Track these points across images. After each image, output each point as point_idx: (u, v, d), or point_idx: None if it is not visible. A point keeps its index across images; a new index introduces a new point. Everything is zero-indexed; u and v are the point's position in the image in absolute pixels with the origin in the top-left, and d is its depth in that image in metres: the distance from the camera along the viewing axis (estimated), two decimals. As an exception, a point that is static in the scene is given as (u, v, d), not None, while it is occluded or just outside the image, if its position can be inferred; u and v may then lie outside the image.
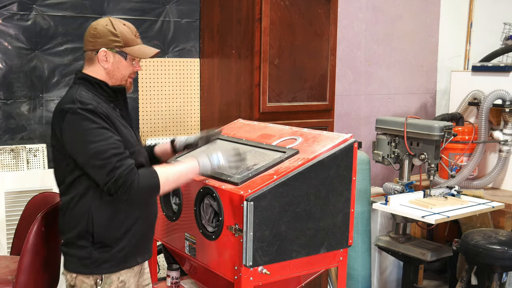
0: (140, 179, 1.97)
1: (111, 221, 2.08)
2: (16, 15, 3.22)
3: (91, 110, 1.99)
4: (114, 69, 2.13)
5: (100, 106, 2.04)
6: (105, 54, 2.10)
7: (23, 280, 2.45)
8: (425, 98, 5.02)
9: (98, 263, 2.09)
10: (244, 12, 3.33)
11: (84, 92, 2.07)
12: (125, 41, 2.12)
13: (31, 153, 3.29)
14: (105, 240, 2.09)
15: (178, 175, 2.09)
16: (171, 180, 2.07)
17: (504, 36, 4.83)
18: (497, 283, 3.43)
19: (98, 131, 1.97)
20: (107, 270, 2.11)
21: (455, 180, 4.04)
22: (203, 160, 2.15)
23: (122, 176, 1.94)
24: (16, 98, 3.28)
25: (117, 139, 2.01)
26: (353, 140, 2.48)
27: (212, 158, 2.17)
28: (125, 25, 2.15)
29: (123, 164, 1.96)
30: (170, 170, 2.09)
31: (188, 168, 2.14)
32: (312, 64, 3.50)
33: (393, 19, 4.71)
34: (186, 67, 3.80)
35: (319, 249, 2.42)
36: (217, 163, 2.16)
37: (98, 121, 1.98)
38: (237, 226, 2.21)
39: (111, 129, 2.01)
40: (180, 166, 2.13)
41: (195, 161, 2.15)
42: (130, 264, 2.18)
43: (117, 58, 2.12)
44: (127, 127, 2.16)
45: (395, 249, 3.85)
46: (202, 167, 2.15)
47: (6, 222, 3.14)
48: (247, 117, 3.30)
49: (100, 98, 2.10)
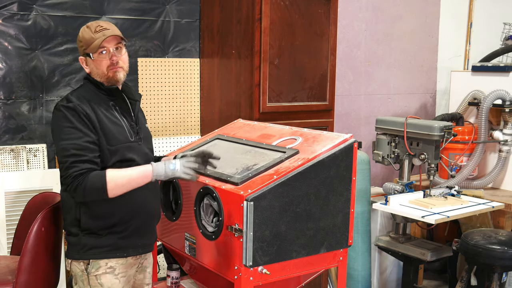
0: (87, 183, 2.07)
1: (99, 211, 2.19)
2: (16, 15, 3.22)
3: (71, 108, 2.14)
4: (92, 70, 2.26)
5: (85, 104, 2.17)
6: (83, 60, 2.28)
7: (23, 280, 2.45)
8: (425, 98, 5.02)
9: (86, 248, 2.21)
10: (244, 12, 3.33)
11: (83, 90, 2.25)
12: (86, 42, 2.22)
13: (31, 153, 3.29)
14: (92, 228, 2.21)
15: (127, 180, 2.13)
16: (120, 184, 2.12)
17: (504, 36, 4.83)
18: (497, 283, 3.43)
19: (69, 129, 2.12)
20: (95, 256, 2.22)
21: (455, 180, 4.04)
22: (157, 165, 2.16)
23: (71, 176, 2.08)
24: (16, 98, 3.28)
25: (86, 140, 2.12)
26: (353, 140, 2.48)
27: (168, 164, 2.16)
28: (88, 27, 2.25)
29: (76, 166, 2.09)
30: (121, 174, 2.13)
31: (139, 173, 2.16)
32: (312, 64, 3.50)
33: (393, 19, 4.71)
34: (186, 67, 3.80)
35: (319, 249, 2.42)
36: (172, 168, 2.14)
37: (73, 119, 2.13)
38: (237, 226, 2.21)
39: (84, 129, 2.13)
40: (132, 171, 2.16)
41: (149, 166, 2.17)
42: (120, 254, 2.25)
43: (89, 61, 2.25)
44: (120, 124, 2.25)
45: (395, 249, 3.85)
46: (155, 172, 2.15)
47: (6, 222, 3.13)
48: (247, 117, 3.30)
49: (100, 96, 2.25)
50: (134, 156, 2.25)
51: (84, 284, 2.24)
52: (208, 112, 3.80)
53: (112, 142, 2.19)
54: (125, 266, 2.29)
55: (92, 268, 2.22)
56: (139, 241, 2.32)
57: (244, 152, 2.65)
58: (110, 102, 2.27)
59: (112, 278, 2.24)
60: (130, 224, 2.25)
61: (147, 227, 2.35)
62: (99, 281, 2.23)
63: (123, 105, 2.30)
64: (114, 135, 2.20)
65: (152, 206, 2.36)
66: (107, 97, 2.26)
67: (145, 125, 2.44)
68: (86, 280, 2.23)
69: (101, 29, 2.22)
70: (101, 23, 2.25)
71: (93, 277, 2.22)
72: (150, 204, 2.33)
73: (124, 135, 2.24)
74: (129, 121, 2.30)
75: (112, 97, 2.27)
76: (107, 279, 2.23)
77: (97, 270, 2.23)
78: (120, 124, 2.25)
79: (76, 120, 2.13)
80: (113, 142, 2.19)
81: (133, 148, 2.26)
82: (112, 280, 2.24)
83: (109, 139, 2.18)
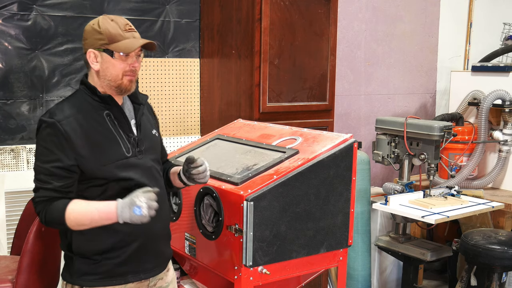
0: (46, 213, 1.92)
1: (91, 235, 1.98)
2: (16, 15, 3.22)
3: (50, 124, 1.92)
4: (104, 69, 1.99)
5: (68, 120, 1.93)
6: (93, 54, 1.98)
7: (23, 280, 2.45)
8: (425, 98, 5.02)
9: (80, 274, 2.02)
10: (244, 12, 3.33)
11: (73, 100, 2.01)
12: (110, 37, 1.96)
13: (31, 153, 3.29)
14: (84, 253, 2.01)
15: (89, 220, 1.91)
16: (81, 223, 1.92)
17: (503, 36, 4.83)
18: (496, 283, 3.43)
19: (42, 150, 1.94)
20: (89, 283, 2.02)
21: (455, 180, 4.04)
22: (122, 211, 1.88)
23: (34, 201, 1.95)
24: (16, 98, 3.28)
25: (56, 166, 1.91)
26: (353, 140, 2.48)
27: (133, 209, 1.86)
28: (113, 21, 1.99)
29: (40, 192, 1.93)
30: (83, 212, 1.91)
31: (102, 215, 1.91)
32: (312, 64, 3.50)
33: (393, 19, 4.71)
34: (186, 67, 3.80)
35: (319, 249, 2.43)
36: (139, 213, 1.85)
37: (47, 139, 1.92)
38: (237, 226, 2.21)
39: (57, 153, 1.91)
40: (95, 212, 1.91)
41: (113, 210, 1.89)
42: (117, 282, 2.03)
43: (105, 57, 1.97)
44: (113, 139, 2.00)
45: (395, 249, 3.85)
46: (120, 218, 1.89)
47: (6, 222, 3.13)
48: (247, 117, 3.30)
49: (93, 105, 2.00)
50: (131, 174, 2.00)
51: None
52: (208, 112, 3.80)
53: (103, 160, 1.95)
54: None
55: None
56: (142, 266, 2.07)
57: (244, 152, 2.65)
58: (105, 111, 2.00)
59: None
60: (129, 249, 2.02)
61: (150, 251, 2.09)
62: None
63: (119, 114, 2.03)
64: (105, 153, 1.96)
65: (157, 226, 2.08)
66: (101, 106, 2.00)
67: (151, 132, 2.17)
68: None
69: (130, 29, 2.01)
70: (127, 21, 2.03)
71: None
72: (154, 224, 2.00)
73: (118, 151, 1.98)
74: (127, 132, 2.04)
75: (107, 105, 2.01)
76: None
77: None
78: (113, 139, 1.99)
79: (51, 140, 1.91)
80: (104, 160, 1.95)
81: (130, 165, 2.00)
82: None
83: (98, 158, 1.94)
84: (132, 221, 1.88)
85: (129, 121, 2.06)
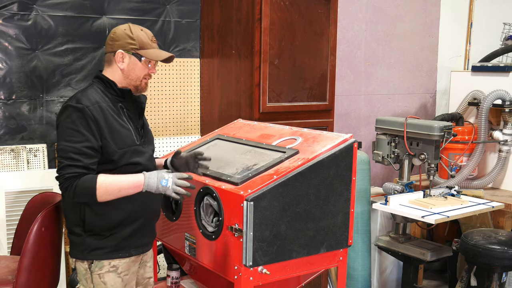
0: (77, 185, 2.10)
1: (103, 212, 2.21)
2: (16, 15, 3.22)
3: (79, 109, 2.14)
4: (129, 69, 2.27)
5: (94, 107, 2.16)
6: (122, 55, 2.26)
7: (23, 280, 2.46)
8: (425, 98, 5.02)
9: (90, 249, 2.25)
10: (244, 12, 3.33)
11: (93, 91, 2.24)
12: (141, 44, 2.27)
13: (31, 153, 3.29)
14: (96, 229, 2.23)
15: (118, 188, 2.14)
16: (110, 191, 2.13)
17: (504, 36, 4.83)
18: (496, 283, 3.43)
19: (71, 132, 2.13)
20: (98, 256, 2.25)
21: (455, 180, 4.04)
22: (149, 178, 2.18)
23: (63, 177, 2.11)
24: (16, 98, 3.28)
25: (85, 146, 2.12)
26: (353, 140, 2.48)
27: (161, 179, 2.18)
28: (142, 30, 2.31)
29: (70, 168, 2.11)
30: (112, 182, 2.14)
31: (130, 183, 2.17)
32: (312, 64, 3.50)
33: (393, 19, 4.72)
34: (186, 67, 3.80)
35: (319, 249, 2.43)
36: (165, 184, 2.17)
37: (77, 122, 2.13)
38: (237, 226, 2.21)
39: (86, 134, 2.13)
40: (125, 181, 2.17)
41: (141, 177, 2.18)
42: (122, 255, 2.29)
43: (132, 60, 2.27)
44: (127, 128, 2.26)
45: (395, 249, 3.85)
46: (147, 184, 2.18)
47: (6, 222, 3.14)
48: (247, 117, 3.31)
49: (109, 97, 2.25)
50: (140, 160, 2.28)
51: (88, 282, 2.28)
52: (208, 112, 3.80)
53: (120, 145, 2.21)
54: (128, 265, 2.32)
55: (95, 267, 2.26)
56: (141, 241, 2.35)
57: (244, 152, 2.65)
58: (119, 103, 2.28)
59: (115, 277, 2.28)
60: (133, 225, 2.29)
61: (149, 227, 2.39)
62: (102, 280, 2.26)
63: (131, 107, 2.32)
64: (122, 138, 2.22)
65: (155, 205, 2.39)
66: (117, 98, 2.27)
67: (148, 127, 2.46)
68: (90, 279, 2.27)
69: (155, 41, 2.33)
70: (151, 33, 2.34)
71: (96, 275, 2.26)
72: (153, 203, 2.36)
73: (131, 138, 2.26)
74: (135, 124, 2.32)
75: (121, 99, 2.29)
76: (110, 278, 2.27)
77: (100, 269, 2.26)
78: (127, 127, 2.26)
79: (80, 123, 2.13)
80: (121, 145, 2.21)
81: (139, 151, 2.28)
82: (115, 279, 2.28)
83: (117, 142, 2.20)
84: (157, 190, 2.18)
85: (137, 114, 2.35)
